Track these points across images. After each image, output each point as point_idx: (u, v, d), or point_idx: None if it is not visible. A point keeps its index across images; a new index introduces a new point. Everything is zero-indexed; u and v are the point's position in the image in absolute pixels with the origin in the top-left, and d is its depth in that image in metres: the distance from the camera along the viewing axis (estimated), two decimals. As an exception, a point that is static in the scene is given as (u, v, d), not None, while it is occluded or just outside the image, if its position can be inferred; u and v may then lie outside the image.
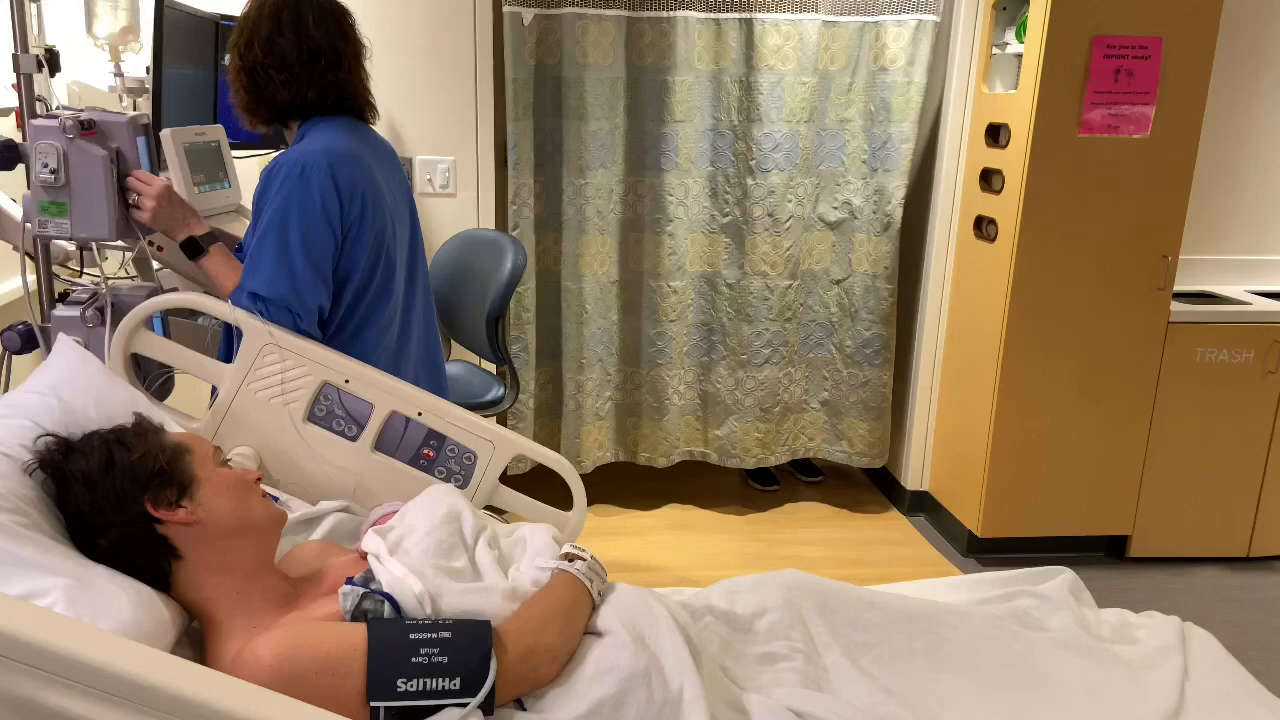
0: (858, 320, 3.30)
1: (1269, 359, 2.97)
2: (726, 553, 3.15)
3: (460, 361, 2.98)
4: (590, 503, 3.45)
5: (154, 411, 1.47)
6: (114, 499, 1.13)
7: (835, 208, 3.25)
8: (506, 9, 2.90)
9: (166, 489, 1.15)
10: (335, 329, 1.72)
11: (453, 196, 3.08)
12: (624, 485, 3.61)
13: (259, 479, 1.23)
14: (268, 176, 1.63)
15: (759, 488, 3.53)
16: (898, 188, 3.16)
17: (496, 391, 2.69)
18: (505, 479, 1.68)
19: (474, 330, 2.64)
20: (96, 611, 1.05)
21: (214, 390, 1.66)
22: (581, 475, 3.28)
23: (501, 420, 3.24)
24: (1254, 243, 3.34)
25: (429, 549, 1.26)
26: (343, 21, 1.71)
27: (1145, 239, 2.85)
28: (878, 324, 3.27)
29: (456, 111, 3.01)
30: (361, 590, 1.13)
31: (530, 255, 3.15)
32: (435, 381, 1.96)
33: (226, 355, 1.73)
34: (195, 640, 1.20)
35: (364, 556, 1.24)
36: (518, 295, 3.12)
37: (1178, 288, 3.08)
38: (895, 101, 3.09)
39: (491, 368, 2.95)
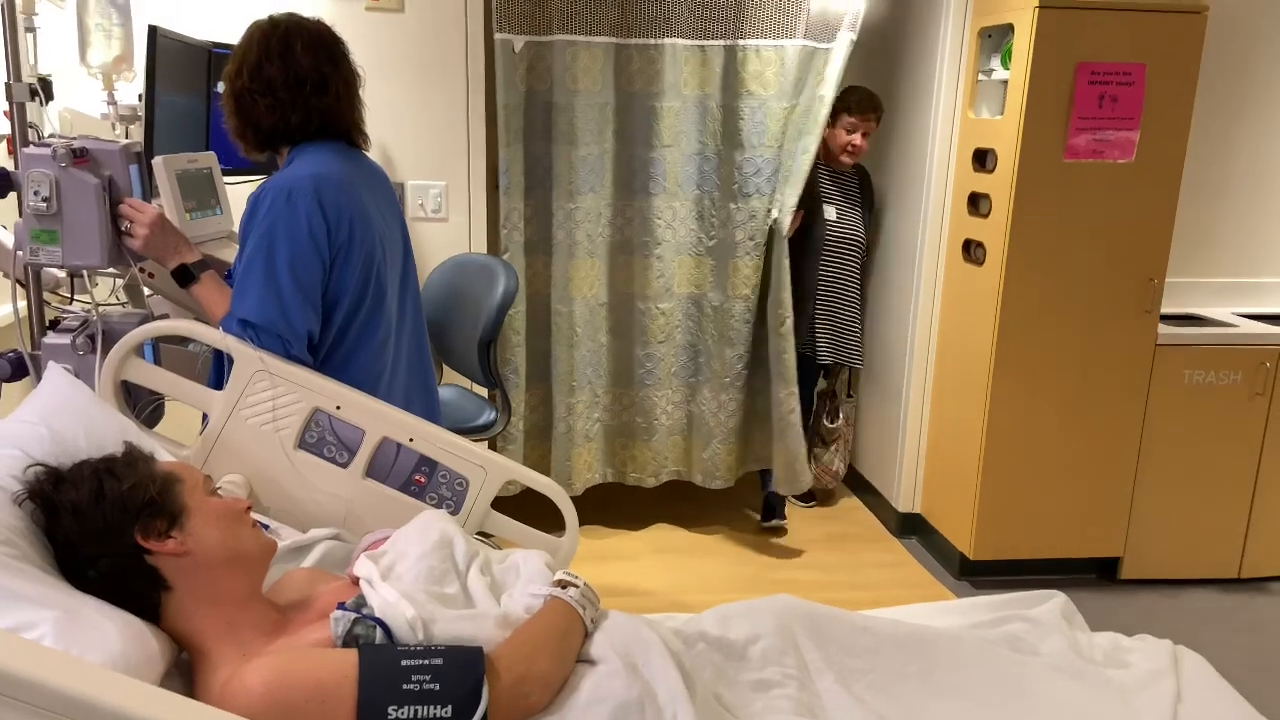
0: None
1: (1256, 381, 2.99)
2: (719, 576, 3.14)
3: (452, 386, 2.97)
4: (580, 525, 3.43)
5: (144, 439, 1.46)
6: (104, 530, 1.13)
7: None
8: (498, 36, 2.93)
9: (156, 519, 1.14)
10: (327, 353, 1.72)
11: (445, 221, 3.09)
12: (614, 507, 3.61)
13: (249, 508, 1.23)
14: (254, 202, 1.64)
15: (765, 524, 3.48)
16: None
17: (489, 415, 2.69)
18: (496, 500, 1.68)
19: (466, 354, 2.64)
20: (85, 644, 1.04)
21: (204, 417, 1.65)
22: (572, 498, 3.30)
23: (492, 441, 3.23)
24: (1239, 265, 3.38)
25: (421, 574, 1.26)
26: (333, 49, 1.73)
27: (1131, 262, 2.88)
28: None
29: (448, 137, 3.03)
30: (353, 615, 1.13)
31: (521, 278, 3.16)
32: (428, 406, 1.96)
33: (217, 382, 1.73)
34: (185, 671, 1.19)
35: (356, 582, 1.23)
36: (508, 318, 3.13)
37: (1165, 310, 3.10)
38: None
39: (483, 392, 2.95)
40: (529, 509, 1.98)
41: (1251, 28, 3.17)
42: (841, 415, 3.56)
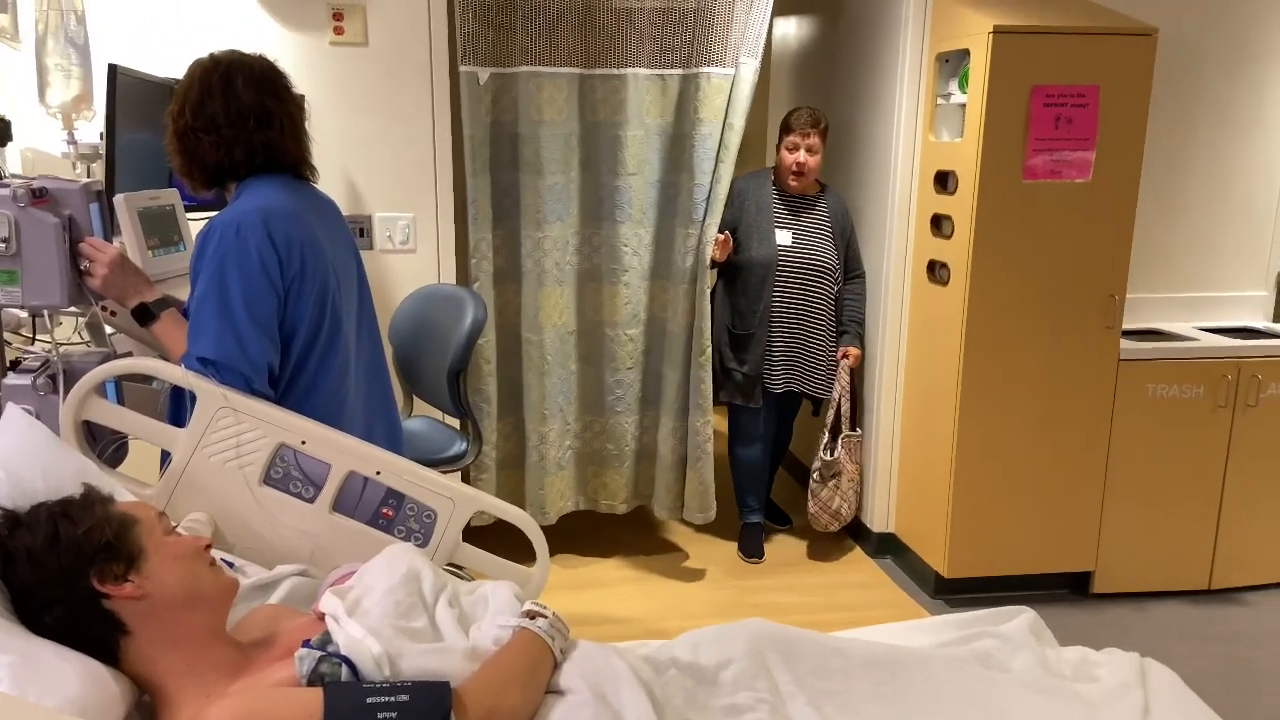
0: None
1: (1219, 393, 3.04)
2: (696, 601, 3.13)
3: (423, 417, 2.96)
4: (555, 553, 3.42)
5: (105, 479, 1.45)
6: (59, 575, 1.11)
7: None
8: (462, 69, 2.95)
9: (113, 563, 1.13)
10: (287, 385, 1.71)
11: (413, 252, 3.09)
12: (589, 534, 3.59)
13: (209, 546, 1.22)
14: (203, 239, 1.64)
15: (746, 559, 3.46)
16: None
17: (459, 446, 2.68)
18: (469, 531, 1.67)
19: (436, 385, 2.63)
20: (42, 689, 1.02)
21: (164, 455, 1.64)
22: (546, 527, 3.29)
23: (465, 472, 3.22)
24: (1199, 280, 3.44)
25: (388, 609, 1.25)
26: (276, 84, 1.73)
27: (1092, 279, 2.93)
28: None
29: (415, 168, 3.04)
30: (319, 653, 1.12)
31: (491, 308, 3.16)
32: (390, 435, 1.95)
33: (175, 418, 1.72)
34: (146, 714, 1.17)
35: (321, 618, 1.22)
36: (479, 348, 3.13)
37: (1127, 325, 3.15)
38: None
39: (454, 422, 2.94)
40: (502, 539, 1.97)
41: (1200, 48, 3.26)
42: (841, 448, 3.33)
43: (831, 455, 3.33)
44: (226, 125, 1.67)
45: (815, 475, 3.35)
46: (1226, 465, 3.09)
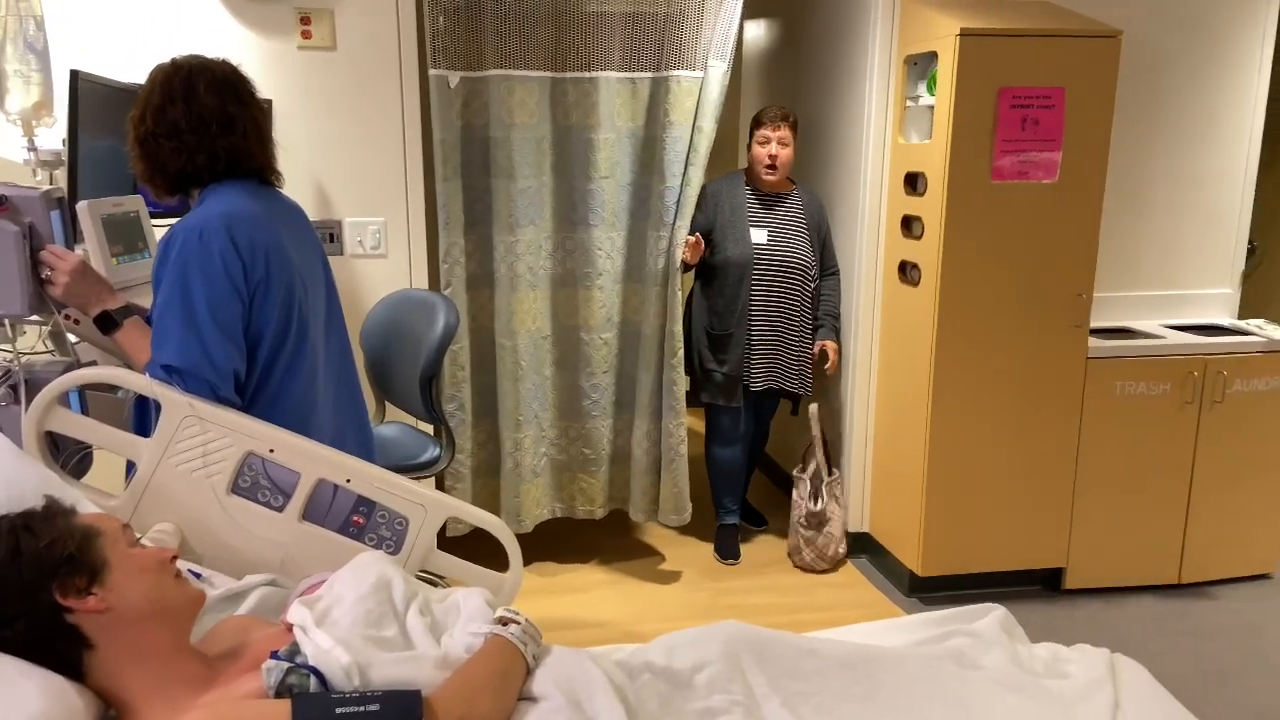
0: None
1: (1185, 390, 3.08)
2: (672, 604, 3.13)
3: (395, 423, 2.94)
4: (532, 561, 3.41)
5: (68, 491, 1.43)
6: (21, 589, 1.09)
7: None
8: (432, 72, 2.93)
9: (76, 576, 1.11)
10: (253, 392, 1.69)
11: (384, 257, 3.07)
12: (565, 539, 3.58)
13: (174, 557, 1.20)
14: (165, 245, 1.62)
15: (723, 561, 3.46)
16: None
17: (432, 452, 2.66)
18: (445, 540, 1.66)
19: (408, 391, 2.62)
20: (4, 705, 1.01)
21: (129, 465, 1.61)
22: (523, 534, 3.27)
23: (440, 480, 3.20)
24: (1164, 278, 3.49)
25: (358, 618, 1.24)
26: (239, 88, 1.72)
27: (1060, 278, 2.96)
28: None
29: (386, 173, 3.02)
30: (286, 664, 1.10)
31: (464, 313, 3.14)
32: (362, 441, 1.94)
33: (140, 427, 1.69)
34: (111, 729, 1.15)
35: (290, 629, 1.21)
36: (453, 354, 3.11)
37: (1095, 324, 3.19)
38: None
39: (428, 428, 2.92)
40: (480, 547, 1.96)
41: (1163, 50, 3.31)
42: (827, 495, 3.36)
43: (818, 505, 3.34)
44: (188, 131, 1.65)
45: (803, 524, 3.36)
46: (1194, 461, 3.14)
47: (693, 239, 3.13)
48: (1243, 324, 3.36)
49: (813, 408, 3.39)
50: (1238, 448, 3.15)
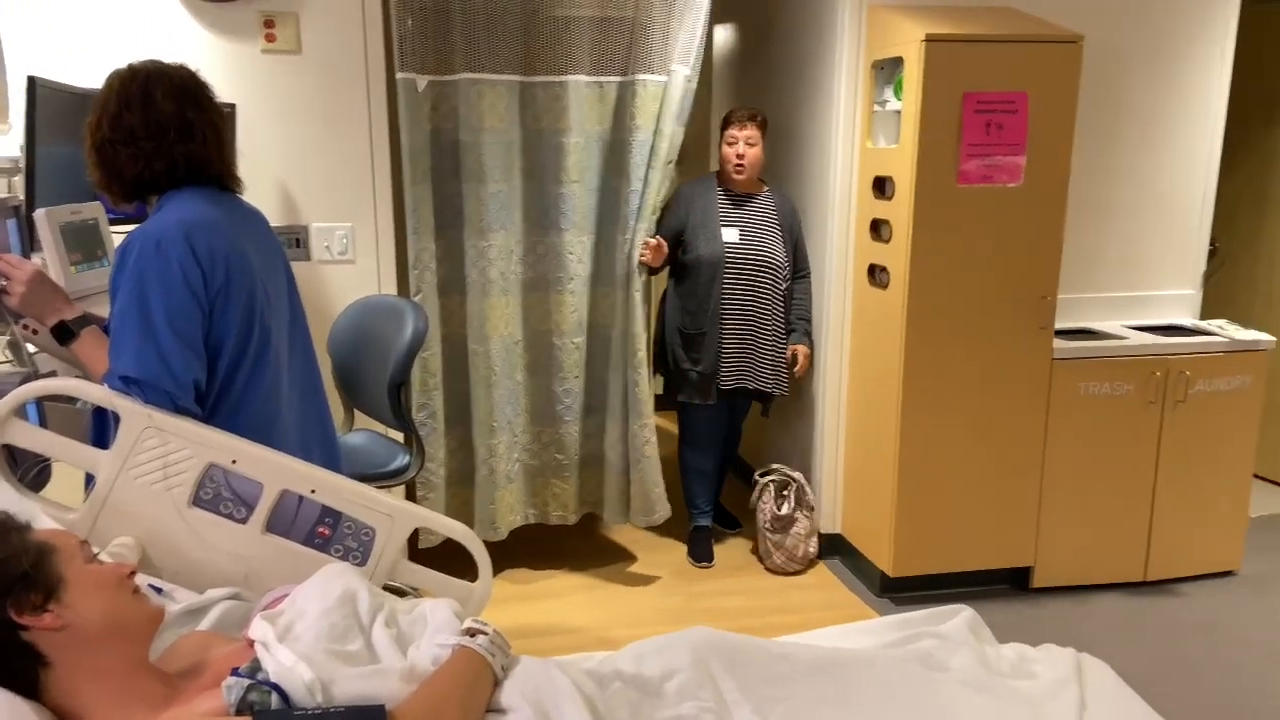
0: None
1: (1148, 390, 3.12)
2: (646, 609, 3.13)
3: (364, 430, 2.92)
4: (506, 568, 3.39)
5: (26, 505, 1.40)
6: (-27, 607, 1.07)
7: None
8: (400, 76, 2.91)
9: (31, 593, 1.09)
10: (215, 402, 1.67)
11: (352, 263, 3.05)
12: (538, 545, 3.57)
13: (132, 573, 1.18)
14: (122, 253, 1.59)
15: (696, 564, 3.47)
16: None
17: (402, 460, 2.64)
18: (418, 552, 1.65)
19: (377, 398, 2.59)
20: (-45, 728, 0.98)
21: (88, 478, 1.59)
22: (497, 540, 3.26)
23: (410, 489, 3.18)
24: (1127, 279, 3.53)
25: (322, 633, 1.22)
26: (198, 94, 1.69)
27: (1025, 281, 2.99)
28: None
29: (353, 178, 2.99)
30: (247, 682, 1.09)
31: (435, 319, 3.12)
32: (328, 451, 1.91)
33: (98, 439, 1.66)
34: (69, 749, 1.13)
35: (251, 645, 1.19)
36: (424, 361, 3.09)
37: (1060, 325, 3.22)
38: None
39: (398, 436, 2.90)
40: (455, 557, 1.95)
41: (1124, 55, 3.35)
42: (794, 500, 3.35)
43: (784, 509, 3.35)
44: (145, 138, 1.63)
45: (769, 528, 3.36)
46: (1158, 460, 3.18)
47: (654, 241, 3.14)
48: (1205, 324, 3.42)
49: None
50: (1200, 447, 3.20)
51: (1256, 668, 2.77)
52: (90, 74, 2.70)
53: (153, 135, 1.63)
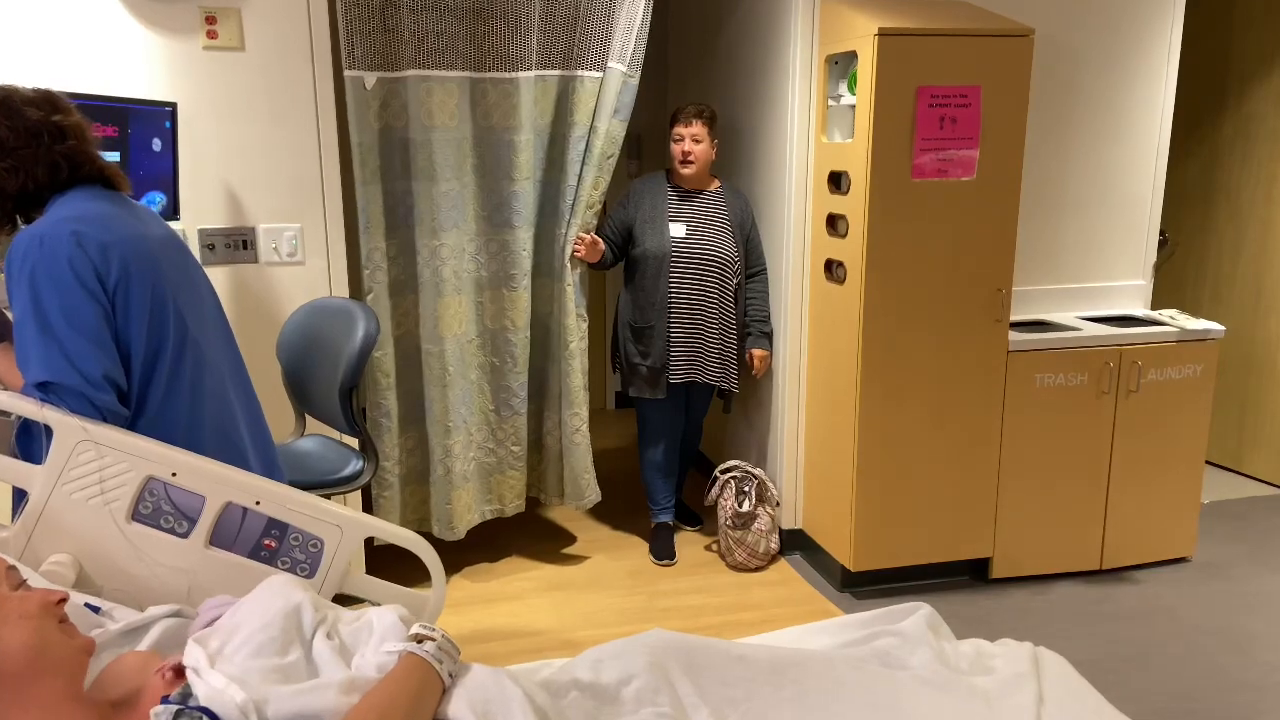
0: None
1: (1102, 380, 3.16)
2: (608, 610, 3.10)
3: (315, 436, 2.85)
4: (464, 566, 3.35)
5: (-50, 524, 1.34)
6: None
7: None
8: (348, 74, 2.85)
9: (-53, 622, 1.04)
10: (135, 408, 1.60)
11: (301, 265, 2.98)
12: (500, 546, 3.53)
13: (61, 600, 1.13)
14: (10, 259, 1.53)
15: (658, 562, 3.45)
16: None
17: (355, 465, 2.59)
18: (373, 549, 1.61)
19: (327, 403, 2.54)
20: None
21: (18, 494, 1.52)
22: (455, 541, 3.22)
23: (366, 488, 3.12)
24: (1079, 271, 3.57)
25: (260, 648, 1.18)
26: (57, 100, 1.65)
27: (980, 274, 3.00)
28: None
29: (301, 178, 2.92)
30: (175, 708, 1.04)
31: (388, 320, 3.07)
32: (264, 456, 1.85)
33: (26, 453, 1.60)
34: (-5, 781, 1.08)
35: (182, 672, 1.15)
36: (377, 361, 3.04)
37: (1015, 317, 3.25)
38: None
39: (352, 440, 2.84)
40: (409, 557, 1.90)
41: (1075, 48, 3.38)
42: (755, 496, 3.36)
43: (744, 506, 3.34)
44: (22, 146, 1.57)
45: (729, 525, 3.36)
46: (1112, 449, 3.22)
47: (587, 237, 3.18)
48: (1156, 314, 3.46)
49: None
50: (1153, 435, 3.24)
51: (1210, 652, 2.82)
52: (21, 73, 2.61)
53: (27, 142, 1.57)
